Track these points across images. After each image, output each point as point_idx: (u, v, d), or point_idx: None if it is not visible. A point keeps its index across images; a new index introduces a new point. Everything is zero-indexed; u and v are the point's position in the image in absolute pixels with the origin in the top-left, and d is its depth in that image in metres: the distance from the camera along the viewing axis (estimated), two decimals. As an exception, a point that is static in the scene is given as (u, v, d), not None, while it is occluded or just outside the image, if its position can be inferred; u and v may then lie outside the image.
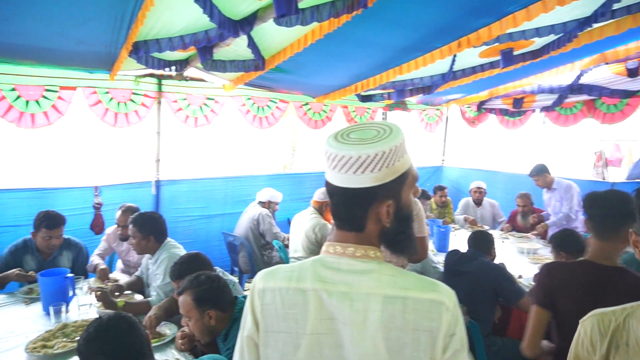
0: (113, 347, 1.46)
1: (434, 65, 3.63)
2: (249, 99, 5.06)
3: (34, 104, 3.83)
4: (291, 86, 4.98)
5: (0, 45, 3.10)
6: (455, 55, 3.59)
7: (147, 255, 3.12)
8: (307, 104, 5.55)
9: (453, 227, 5.25)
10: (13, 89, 3.70)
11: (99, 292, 2.67)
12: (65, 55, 3.45)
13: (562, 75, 4.72)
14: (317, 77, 4.47)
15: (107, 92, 4.19)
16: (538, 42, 3.41)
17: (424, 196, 5.38)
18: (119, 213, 3.62)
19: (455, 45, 3.18)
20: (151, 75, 4.40)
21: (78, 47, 3.20)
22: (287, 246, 4.50)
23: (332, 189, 0.99)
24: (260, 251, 4.64)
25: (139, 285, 3.15)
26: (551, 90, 5.20)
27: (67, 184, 4.43)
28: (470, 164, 7.90)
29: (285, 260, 4.36)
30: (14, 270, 3.03)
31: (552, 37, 3.28)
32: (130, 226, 3.03)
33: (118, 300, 2.79)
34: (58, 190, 4.32)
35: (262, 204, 4.83)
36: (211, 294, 2.03)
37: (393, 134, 0.96)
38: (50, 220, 3.18)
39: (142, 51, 3.04)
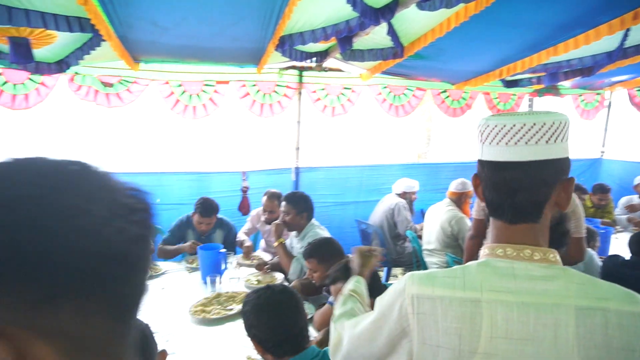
0: (279, 323, 1.53)
1: (598, 42, 3.17)
2: (385, 87, 5.03)
3: (195, 97, 4.34)
4: (429, 73, 4.82)
5: (172, 47, 3.56)
6: (628, 30, 3.08)
7: (293, 234, 3.34)
8: (445, 91, 5.32)
9: (615, 230, 4.59)
10: (180, 85, 4.25)
11: (267, 268, 3.03)
12: (221, 52, 3.82)
13: None
14: (458, 63, 4.24)
15: (254, 85, 4.55)
16: None
17: (580, 190, 4.77)
18: (264, 199, 3.92)
19: (630, 17, 2.72)
20: (293, 67, 4.64)
21: (232, 44, 3.52)
22: (419, 237, 4.41)
23: (503, 170, 0.84)
24: (394, 241, 4.63)
25: (280, 266, 3.39)
26: None
27: (220, 169, 4.95)
28: (636, 156, 6.77)
29: (418, 251, 4.28)
30: (189, 243, 3.50)
31: None
32: (284, 203, 3.28)
33: (261, 277, 3.06)
34: (212, 174, 4.86)
35: (398, 195, 4.79)
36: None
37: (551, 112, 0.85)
38: (204, 209, 3.60)
39: (287, 45, 3.22)
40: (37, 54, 2.96)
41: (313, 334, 2.31)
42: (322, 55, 3.87)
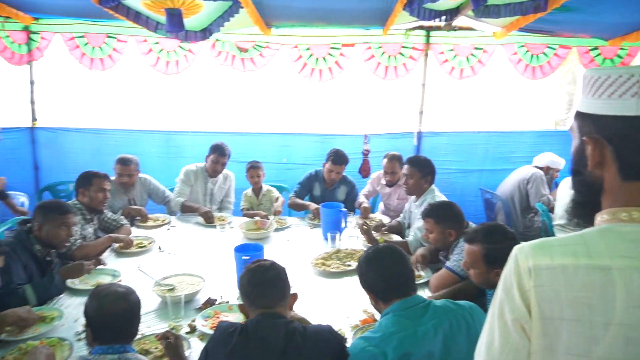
0: (385, 270, 1.71)
1: None
2: (522, 46, 4.59)
3: (321, 60, 4.46)
4: (577, 28, 4.26)
5: (301, 11, 3.68)
6: None
7: (412, 199, 3.34)
8: (595, 48, 4.67)
9: None
10: (308, 49, 4.39)
11: (364, 227, 3.04)
12: (348, 14, 3.83)
13: None
14: (616, 14, 3.67)
15: (379, 47, 4.50)
16: None
17: None
18: (385, 161, 3.94)
19: None
20: (420, 27, 4.47)
21: (359, 5, 3.51)
22: (551, 211, 4.07)
23: None
24: (523, 214, 4.33)
25: (398, 229, 3.43)
26: None
27: (343, 132, 5.08)
28: None
29: (548, 226, 3.96)
30: (315, 207, 3.69)
31: None
32: (407, 166, 3.27)
33: (379, 237, 3.13)
34: (336, 136, 5.01)
35: (539, 168, 4.40)
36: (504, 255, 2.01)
37: None
38: (337, 157, 3.83)
39: (416, 3, 3.10)
40: (186, 23, 3.29)
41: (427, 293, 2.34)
42: (453, 13, 3.65)
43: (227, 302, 2.26)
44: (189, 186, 3.88)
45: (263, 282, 1.63)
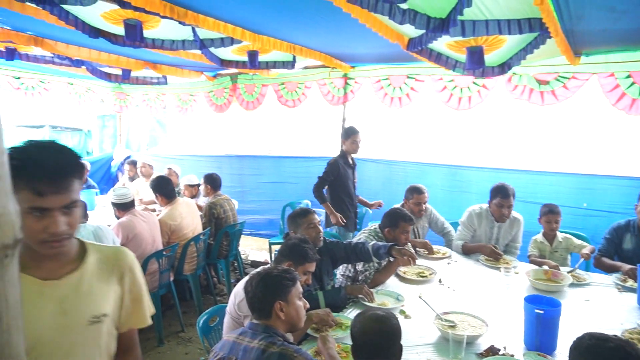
0: None
1: None
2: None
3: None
4: None
5: (624, 33, 3.15)
6: None
7: None
8: None
9: None
10: (628, 76, 3.70)
11: None
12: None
13: None
14: None
15: None
16: None
17: None
18: None
19: None
20: None
21: None
22: None
23: None
24: None
25: None
26: None
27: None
28: None
29: None
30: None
31: None
32: None
33: None
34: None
35: None
36: None
37: None
38: None
39: None
40: (486, 59, 3.28)
41: None
42: None
43: (512, 355, 2.06)
44: (471, 230, 3.78)
45: None
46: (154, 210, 4.62)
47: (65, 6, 2.86)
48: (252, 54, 4.12)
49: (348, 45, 4.12)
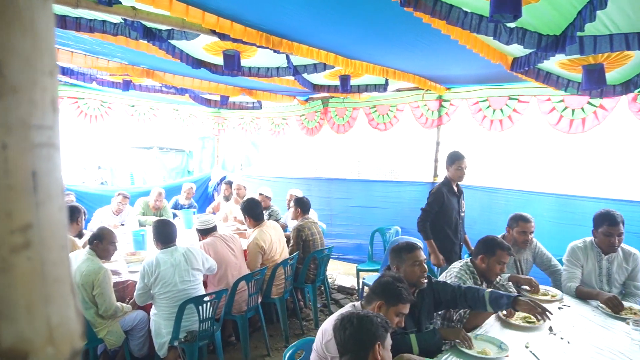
0: None
1: None
2: None
3: None
4: None
5: None
6: None
7: None
8: None
9: None
10: None
11: None
12: None
13: None
14: None
15: None
16: None
17: None
18: None
19: None
20: None
21: None
22: None
23: None
24: None
25: None
26: None
27: None
28: None
29: None
30: None
31: None
32: None
33: None
34: None
35: None
36: None
37: None
38: None
39: None
40: (607, 77, 2.90)
41: None
42: None
43: None
44: (579, 267, 3.32)
45: None
46: (245, 230, 4.75)
47: (172, 41, 3.06)
48: (344, 78, 4.11)
49: (443, 67, 3.93)
